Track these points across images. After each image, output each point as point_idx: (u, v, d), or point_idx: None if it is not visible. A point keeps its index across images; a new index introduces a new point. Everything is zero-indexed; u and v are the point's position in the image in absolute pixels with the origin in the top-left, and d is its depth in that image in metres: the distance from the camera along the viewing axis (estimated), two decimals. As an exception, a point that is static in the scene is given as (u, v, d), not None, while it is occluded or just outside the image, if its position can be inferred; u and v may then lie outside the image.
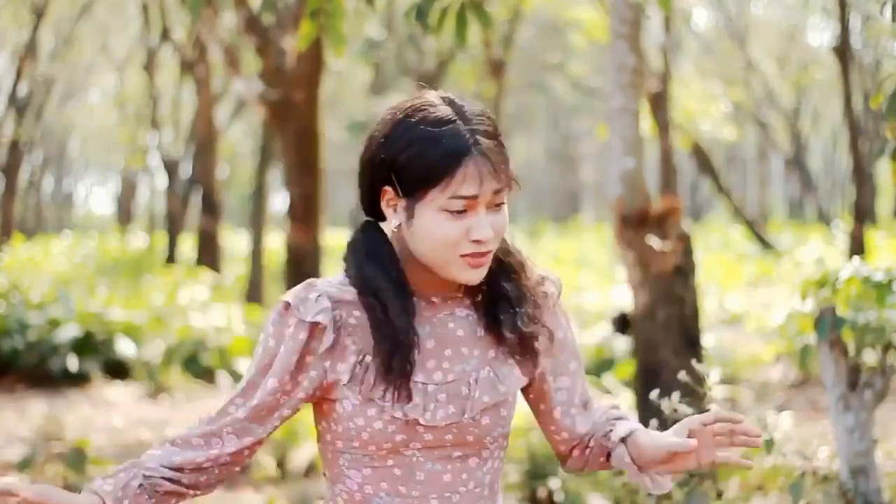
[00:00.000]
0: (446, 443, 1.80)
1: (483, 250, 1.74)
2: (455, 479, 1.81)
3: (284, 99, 8.02)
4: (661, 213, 4.72)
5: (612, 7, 4.83)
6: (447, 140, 1.71)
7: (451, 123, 1.73)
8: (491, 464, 1.86)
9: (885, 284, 3.51)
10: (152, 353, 10.16)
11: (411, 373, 1.76)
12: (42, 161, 33.38)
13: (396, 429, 1.77)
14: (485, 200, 1.73)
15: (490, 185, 1.72)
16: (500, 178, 1.73)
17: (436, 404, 1.78)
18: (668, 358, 4.57)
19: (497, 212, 1.76)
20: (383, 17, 15.31)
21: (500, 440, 1.86)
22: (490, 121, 1.77)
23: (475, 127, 1.74)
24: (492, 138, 1.74)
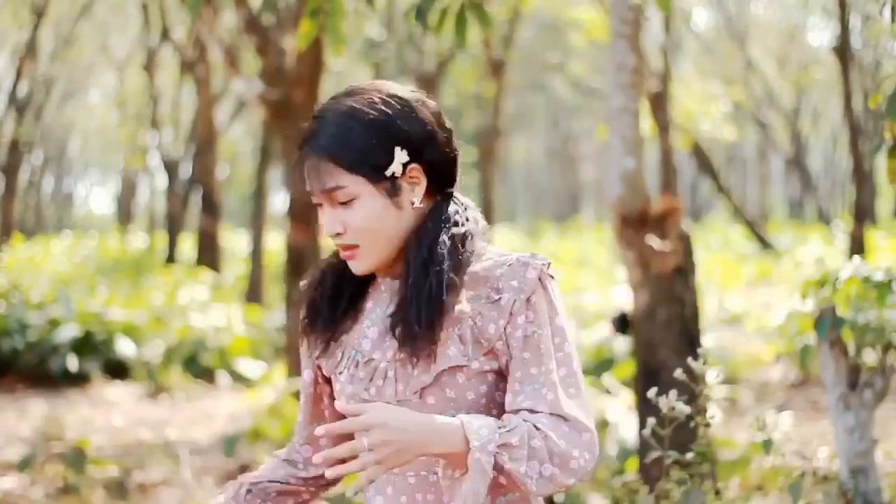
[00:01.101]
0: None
1: (339, 243, 1.82)
2: (430, 459, 1.79)
3: (284, 99, 8.02)
4: (661, 213, 4.72)
5: (612, 7, 4.82)
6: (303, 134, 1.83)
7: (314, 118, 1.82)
8: None
9: (885, 284, 3.52)
10: (152, 353, 10.16)
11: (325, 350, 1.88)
12: (42, 161, 33.38)
13: (357, 403, 1.82)
14: (322, 198, 1.81)
15: (316, 184, 1.79)
16: (322, 181, 1.78)
17: (385, 380, 1.82)
18: (668, 358, 4.56)
19: (346, 209, 1.80)
20: (383, 17, 15.30)
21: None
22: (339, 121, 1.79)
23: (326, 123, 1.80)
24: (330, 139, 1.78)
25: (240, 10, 8.08)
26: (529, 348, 1.78)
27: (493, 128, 16.44)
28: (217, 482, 6.56)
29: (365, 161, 1.78)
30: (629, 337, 8.02)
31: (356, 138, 1.78)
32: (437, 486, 1.81)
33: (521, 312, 1.78)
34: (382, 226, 1.80)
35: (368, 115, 1.79)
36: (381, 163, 1.78)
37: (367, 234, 1.80)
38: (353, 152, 1.77)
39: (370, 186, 1.78)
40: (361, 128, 1.78)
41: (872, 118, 18.25)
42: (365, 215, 1.79)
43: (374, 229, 1.80)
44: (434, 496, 1.81)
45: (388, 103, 1.81)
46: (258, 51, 8.19)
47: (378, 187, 1.79)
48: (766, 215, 33.59)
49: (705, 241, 23.25)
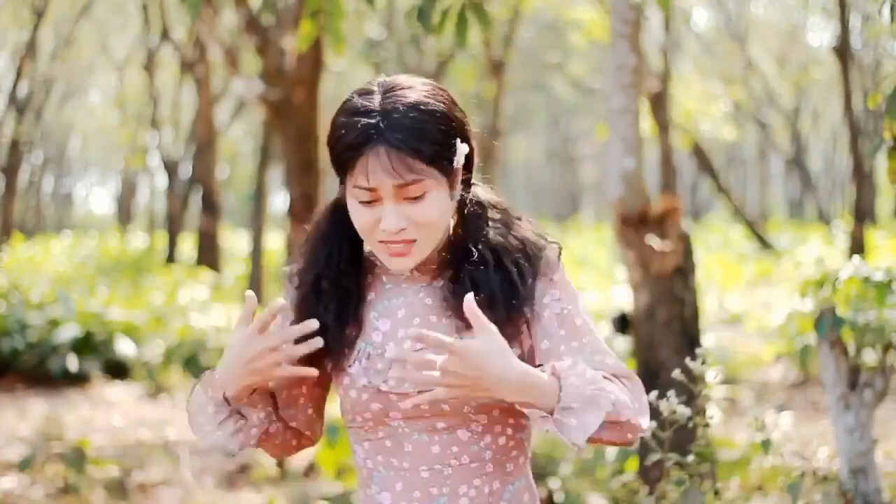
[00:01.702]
0: (424, 412, 1.79)
1: (396, 239, 1.77)
2: (444, 452, 1.80)
3: (284, 99, 8.02)
4: (661, 213, 4.72)
5: (612, 7, 4.82)
6: (351, 131, 1.75)
7: (363, 114, 1.75)
8: (491, 439, 1.82)
9: (885, 284, 3.52)
10: (152, 353, 10.16)
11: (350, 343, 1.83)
12: (42, 161, 33.38)
13: (370, 397, 1.82)
14: (387, 193, 1.75)
15: (389, 179, 1.73)
16: (400, 174, 1.73)
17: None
18: (668, 358, 4.56)
19: (415, 203, 1.76)
20: (383, 17, 15.30)
21: (489, 412, 1.80)
22: (419, 111, 1.75)
23: (390, 117, 1.74)
24: (406, 130, 1.74)
25: (240, 10, 8.08)
26: (565, 325, 1.80)
27: (493, 128, 16.44)
28: (217, 482, 6.56)
29: (441, 154, 1.76)
30: (629, 337, 8.02)
31: (431, 131, 1.75)
32: (452, 478, 1.80)
33: (545, 292, 1.80)
34: (444, 220, 1.80)
35: (436, 108, 1.77)
36: (450, 157, 1.78)
37: (430, 228, 1.78)
38: (431, 145, 1.75)
39: (441, 179, 1.77)
40: (433, 120, 1.76)
41: (872, 118, 18.25)
42: (436, 209, 1.77)
43: (439, 224, 1.79)
44: (449, 488, 1.80)
45: (442, 95, 1.81)
46: (258, 51, 8.19)
47: (446, 180, 1.79)
48: (766, 215, 33.59)
49: (705, 241, 23.24)
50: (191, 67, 18.12)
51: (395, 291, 1.87)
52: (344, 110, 1.79)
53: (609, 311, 10.86)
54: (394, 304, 1.86)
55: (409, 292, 1.86)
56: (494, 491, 1.82)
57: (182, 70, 20.19)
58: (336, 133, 1.78)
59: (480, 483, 1.81)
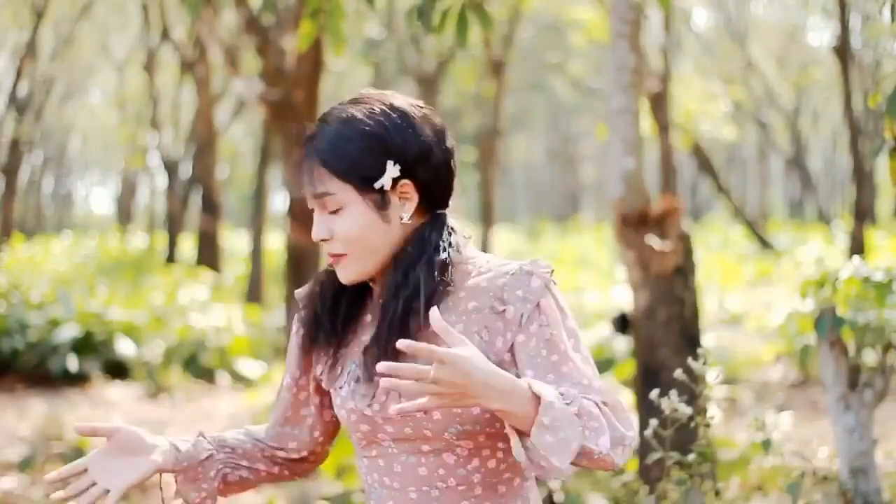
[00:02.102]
0: (409, 436, 1.79)
1: (329, 251, 1.81)
2: (431, 474, 1.79)
3: (284, 99, 8.02)
4: (661, 213, 4.72)
5: (612, 7, 4.82)
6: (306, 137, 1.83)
7: (319, 122, 1.82)
8: (478, 462, 1.79)
9: (885, 284, 3.51)
10: (152, 353, 10.16)
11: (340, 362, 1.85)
12: (42, 161, 33.39)
13: (357, 418, 1.83)
14: (314, 203, 1.81)
15: (309, 188, 1.79)
16: (313, 184, 1.78)
17: (388, 396, 1.78)
18: (668, 358, 4.56)
19: (334, 216, 1.79)
20: (383, 17, 15.30)
21: (473, 439, 1.77)
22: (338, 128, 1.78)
23: (327, 128, 1.80)
24: (326, 145, 1.78)
25: (240, 10, 8.08)
26: (554, 350, 1.75)
27: (493, 128, 16.45)
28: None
29: (354, 171, 1.77)
30: (629, 337, 8.02)
31: (350, 147, 1.77)
32: (439, 500, 1.79)
33: (532, 321, 1.75)
34: (368, 237, 1.78)
35: (365, 126, 1.78)
36: (371, 174, 1.77)
37: (352, 243, 1.78)
38: (344, 161, 1.77)
39: (358, 197, 1.77)
40: (357, 137, 1.77)
41: (872, 118, 18.25)
42: (351, 225, 1.78)
43: (359, 240, 1.78)
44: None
45: (389, 115, 1.79)
46: (258, 51, 8.19)
47: (366, 199, 1.77)
48: (766, 215, 33.59)
49: (705, 241, 23.24)
50: (191, 67, 18.11)
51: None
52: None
53: (609, 311, 10.87)
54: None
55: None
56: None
57: (182, 70, 20.19)
58: None
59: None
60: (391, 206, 1.79)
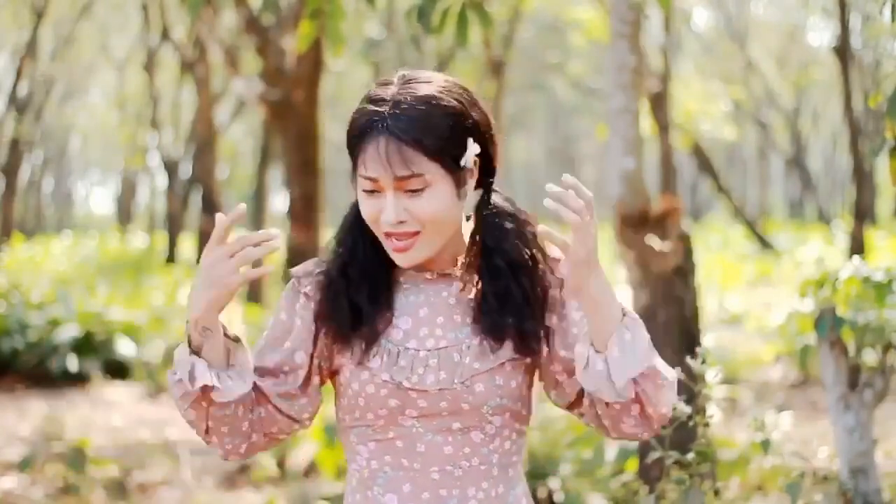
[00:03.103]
0: (442, 411, 1.79)
1: (398, 231, 1.76)
2: (457, 453, 1.80)
3: (284, 99, 8.02)
4: (661, 213, 4.72)
5: (612, 7, 4.82)
6: (362, 117, 1.76)
7: (376, 101, 1.76)
8: (499, 442, 1.82)
9: (885, 284, 3.51)
10: (152, 353, 10.16)
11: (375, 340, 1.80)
12: (42, 161, 33.40)
13: (388, 393, 1.79)
14: (389, 184, 1.75)
15: (390, 170, 1.73)
16: (402, 166, 1.72)
17: (425, 369, 1.78)
18: (669, 358, 4.54)
19: (415, 196, 1.75)
20: (383, 17, 15.31)
21: (503, 415, 1.81)
22: (421, 106, 1.74)
23: (400, 108, 1.74)
24: (409, 123, 1.73)
25: (240, 10, 8.08)
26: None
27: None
28: (217, 482, 6.56)
29: (446, 150, 1.74)
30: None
31: (438, 125, 1.74)
32: (462, 480, 1.80)
33: (565, 302, 1.83)
34: (448, 217, 1.77)
35: (447, 104, 1.76)
36: (457, 153, 1.76)
37: (432, 223, 1.76)
38: (436, 139, 1.73)
39: (446, 176, 1.75)
40: (442, 115, 1.75)
41: (872, 118, 18.25)
42: (436, 205, 1.75)
43: (440, 220, 1.76)
44: (459, 490, 1.80)
45: (460, 93, 1.79)
46: (258, 51, 8.20)
47: (451, 177, 1.76)
48: (766, 215, 33.60)
49: (705, 241, 23.24)
50: (191, 67, 18.11)
51: (414, 290, 1.85)
52: (363, 99, 1.80)
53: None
54: (412, 301, 1.84)
55: (429, 291, 1.85)
56: (500, 495, 1.82)
57: (182, 70, 20.19)
58: (352, 117, 1.79)
59: (488, 486, 1.82)
60: (464, 184, 1.79)
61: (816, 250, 18.78)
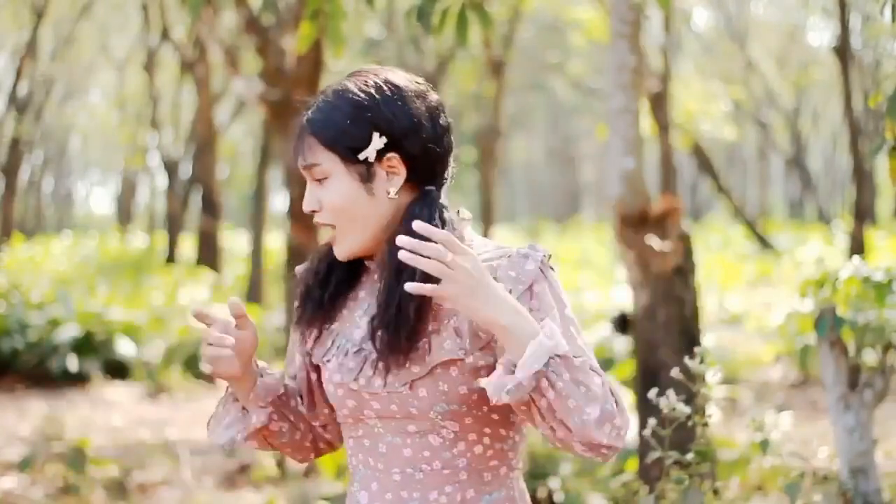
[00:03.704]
0: (394, 414, 1.79)
1: (319, 222, 1.82)
2: (416, 455, 1.79)
3: (284, 99, 8.02)
4: (661, 213, 4.72)
5: (612, 7, 4.82)
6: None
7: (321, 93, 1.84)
8: (464, 447, 1.78)
9: (885, 284, 3.51)
10: (152, 353, 10.16)
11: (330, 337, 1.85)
12: (42, 161, 33.39)
13: (344, 393, 1.82)
14: (305, 173, 1.82)
15: (300, 158, 1.81)
16: (302, 156, 1.80)
17: (374, 371, 1.78)
18: (668, 358, 4.56)
19: (321, 186, 1.81)
20: (383, 17, 15.31)
21: (460, 420, 1.76)
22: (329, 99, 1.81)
23: (324, 99, 1.82)
24: (316, 114, 1.80)
25: (240, 10, 8.08)
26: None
27: (493, 128, 16.44)
28: (217, 482, 6.56)
29: (340, 141, 1.78)
30: (629, 337, 8.02)
31: (338, 117, 1.78)
32: (423, 483, 1.78)
33: (522, 303, 1.71)
34: (353, 209, 1.78)
35: (355, 97, 1.79)
36: (356, 145, 1.77)
37: (339, 215, 1.79)
38: (331, 130, 1.78)
39: (343, 167, 1.78)
40: (345, 107, 1.79)
41: (872, 118, 18.25)
42: (336, 195, 1.79)
43: (345, 211, 1.79)
44: (420, 493, 1.78)
45: (380, 88, 1.80)
46: (258, 51, 8.19)
47: (351, 169, 1.78)
48: (766, 215, 33.59)
49: (705, 241, 23.24)
50: (191, 67, 18.11)
51: (372, 289, 1.86)
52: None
53: (609, 311, 10.87)
54: (370, 300, 1.85)
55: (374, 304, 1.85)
56: (468, 499, 1.78)
57: (182, 70, 20.19)
58: None
59: (452, 490, 1.78)
60: (377, 178, 1.79)
61: (816, 250, 18.78)
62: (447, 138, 1.84)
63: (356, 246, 1.81)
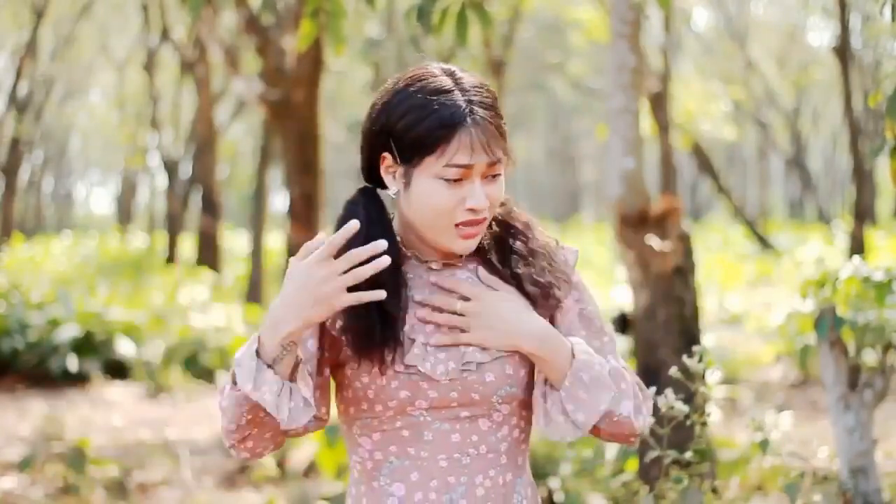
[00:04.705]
0: (452, 401, 1.79)
1: (477, 218, 1.79)
2: (464, 440, 1.80)
3: (284, 99, 8.02)
4: (661, 213, 4.72)
5: (612, 7, 4.82)
6: (443, 109, 1.75)
7: (448, 93, 1.77)
8: (507, 431, 1.83)
9: (885, 284, 3.51)
10: (152, 353, 10.16)
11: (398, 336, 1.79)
12: (42, 161, 33.40)
13: (399, 384, 1.79)
14: (479, 170, 1.77)
15: (484, 155, 1.76)
16: (493, 150, 1.77)
17: (435, 360, 1.79)
18: (668, 358, 4.56)
19: (492, 182, 1.80)
20: (383, 17, 15.30)
21: (511, 403, 1.83)
22: (489, 93, 1.81)
23: (472, 97, 1.77)
24: (489, 109, 1.78)
25: (240, 10, 8.08)
26: (585, 325, 1.88)
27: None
28: (217, 482, 6.56)
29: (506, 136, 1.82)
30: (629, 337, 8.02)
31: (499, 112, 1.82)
32: (470, 468, 1.80)
33: (567, 295, 1.88)
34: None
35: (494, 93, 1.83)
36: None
37: (494, 209, 1.84)
38: (502, 124, 1.81)
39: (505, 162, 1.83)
40: (496, 102, 1.82)
41: (872, 118, 18.26)
42: (502, 190, 1.83)
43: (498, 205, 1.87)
44: (467, 478, 1.80)
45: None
46: (258, 51, 8.20)
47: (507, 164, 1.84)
48: (766, 215, 33.59)
49: (705, 241, 23.24)
50: (191, 67, 18.12)
51: (419, 283, 1.85)
52: (424, 89, 1.78)
53: (609, 311, 10.87)
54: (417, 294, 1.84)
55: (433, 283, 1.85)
56: (507, 482, 1.84)
57: (182, 70, 20.19)
58: (422, 111, 1.75)
59: (495, 474, 1.83)
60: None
61: (816, 250, 18.78)
62: None
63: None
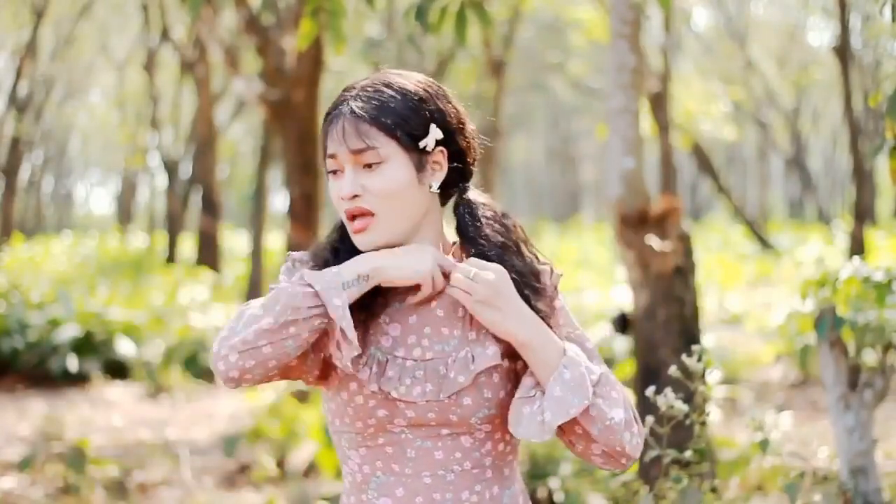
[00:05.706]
0: (430, 421, 1.79)
1: (354, 209, 1.78)
2: (448, 457, 1.80)
3: (284, 99, 8.02)
4: (661, 213, 4.72)
5: (612, 7, 4.82)
6: (330, 108, 1.82)
7: (344, 92, 1.82)
8: (490, 446, 1.82)
9: (885, 284, 3.51)
10: (152, 353, 10.16)
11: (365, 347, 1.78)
12: (42, 161, 33.39)
13: (377, 404, 1.79)
14: (346, 159, 1.78)
15: (347, 143, 1.77)
16: (356, 139, 1.76)
17: (412, 380, 1.78)
18: (668, 358, 4.56)
19: (370, 172, 1.78)
20: (383, 17, 15.30)
21: (492, 422, 1.81)
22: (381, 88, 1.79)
23: (358, 93, 1.80)
24: (369, 102, 1.78)
25: (240, 10, 8.08)
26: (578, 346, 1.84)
27: (493, 128, 16.44)
28: (217, 482, 6.56)
29: (402, 126, 1.77)
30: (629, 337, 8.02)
31: (396, 105, 1.78)
32: (454, 484, 1.80)
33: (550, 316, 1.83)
34: (402, 196, 1.78)
35: (409, 90, 1.80)
36: (416, 133, 1.79)
37: (385, 201, 1.77)
38: (391, 116, 1.77)
39: (402, 152, 1.78)
40: (401, 98, 1.79)
41: (872, 118, 18.26)
42: (390, 180, 1.77)
43: (393, 197, 1.78)
44: (452, 494, 1.80)
45: (430, 85, 1.83)
46: (258, 51, 8.19)
47: (408, 156, 1.78)
48: (766, 215, 33.59)
49: (705, 241, 23.24)
50: (191, 67, 18.12)
51: (401, 299, 1.83)
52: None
53: (609, 311, 10.86)
54: (404, 308, 1.83)
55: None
56: (494, 496, 1.83)
57: (182, 70, 20.20)
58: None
59: (481, 488, 1.82)
60: (427, 170, 1.81)
61: (816, 250, 18.78)
62: (476, 141, 1.90)
63: (389, 236, 1.79)
